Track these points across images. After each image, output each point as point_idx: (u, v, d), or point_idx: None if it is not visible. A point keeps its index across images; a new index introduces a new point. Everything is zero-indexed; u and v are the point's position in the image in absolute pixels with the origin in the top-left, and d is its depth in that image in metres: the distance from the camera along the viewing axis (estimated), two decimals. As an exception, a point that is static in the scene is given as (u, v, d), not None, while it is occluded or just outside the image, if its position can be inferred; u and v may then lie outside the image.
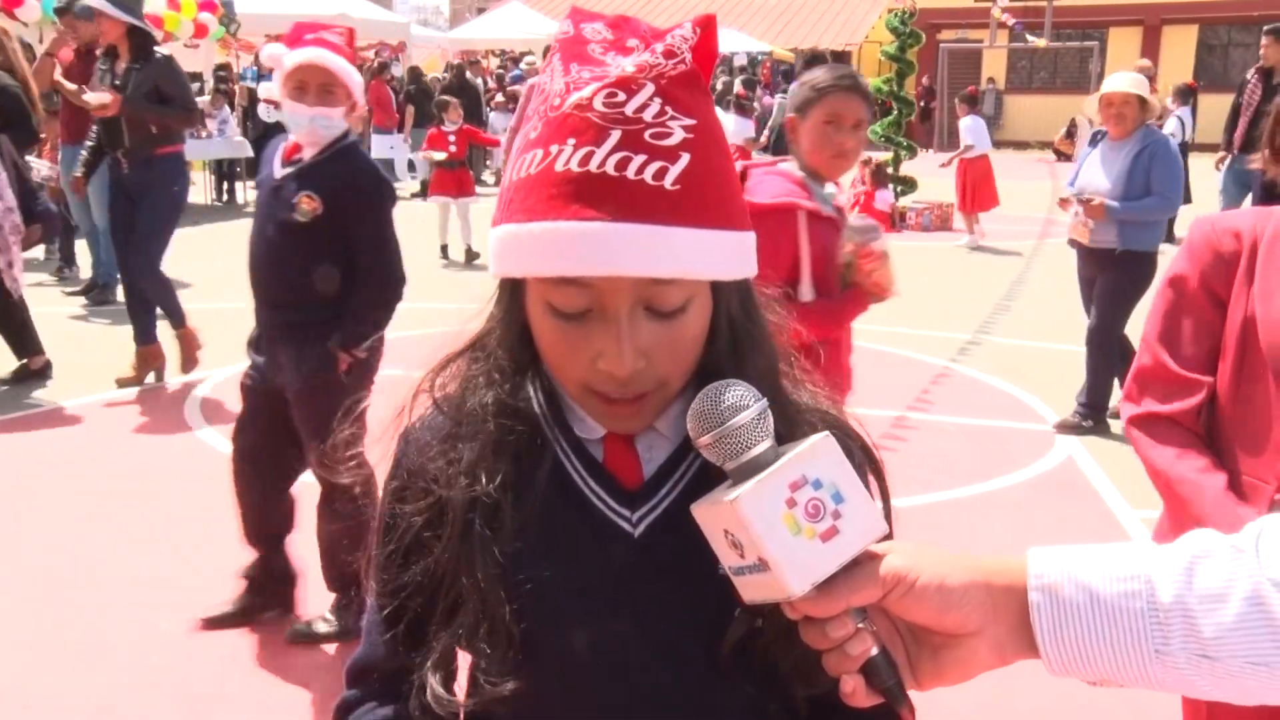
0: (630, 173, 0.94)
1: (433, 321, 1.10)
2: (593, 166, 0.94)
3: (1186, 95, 13.78)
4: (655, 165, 0.94)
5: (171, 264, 10.86)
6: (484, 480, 1.04)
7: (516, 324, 1.06)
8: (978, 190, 13.03)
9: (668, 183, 0.94)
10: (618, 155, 0.94)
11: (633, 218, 0.93)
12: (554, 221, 0.94)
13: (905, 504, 0.84)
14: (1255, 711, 1.80)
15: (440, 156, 11.27)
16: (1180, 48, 29.85)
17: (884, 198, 13.33)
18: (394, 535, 1.08)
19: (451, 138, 11.33)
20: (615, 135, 0.94)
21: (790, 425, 1.03)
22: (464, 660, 1.09)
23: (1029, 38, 25.49)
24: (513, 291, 1.06)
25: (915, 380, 6.91)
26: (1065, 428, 5.95)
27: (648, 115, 0.95)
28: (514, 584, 1.03)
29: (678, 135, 0.95)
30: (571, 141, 0.95)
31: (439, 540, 1.04)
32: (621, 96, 0.95)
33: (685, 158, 0.95)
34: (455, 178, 11.35)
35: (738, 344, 1.05)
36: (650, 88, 0.95)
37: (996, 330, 8.35)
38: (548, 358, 1.04)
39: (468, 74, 19.47)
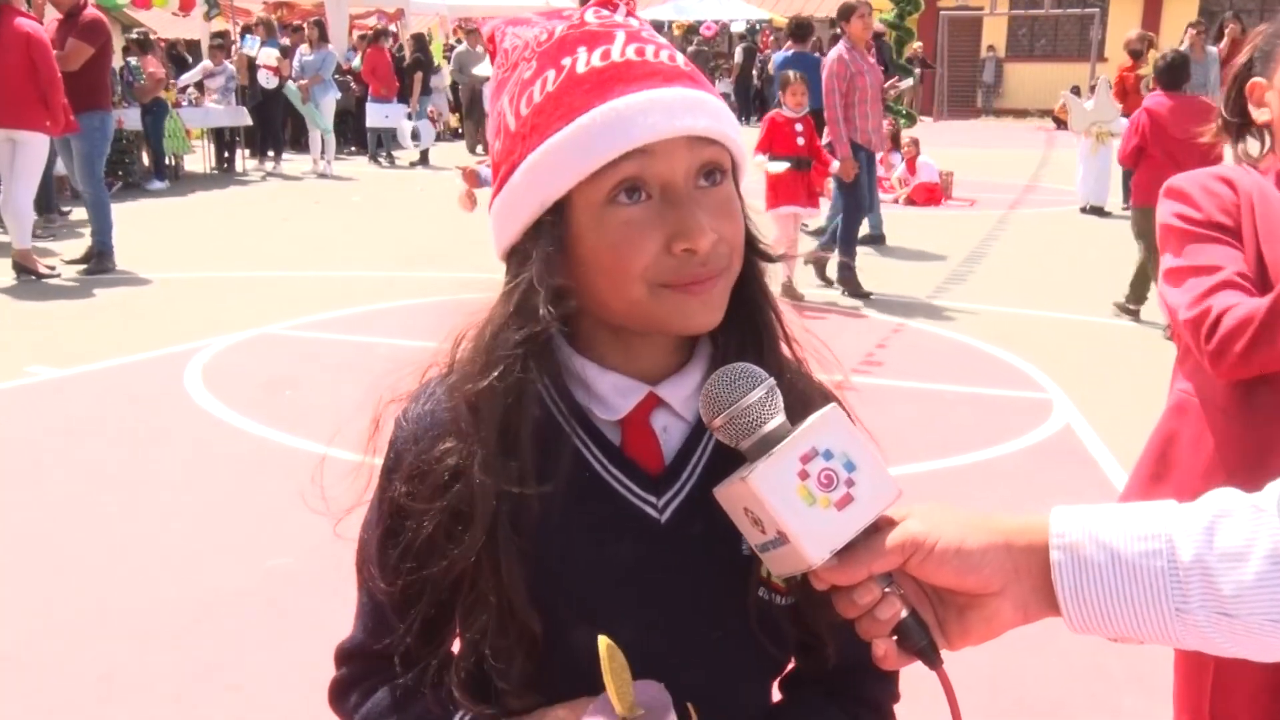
0: (650, 57, 1.02)
1: (460, 292, 1.09)
2: (615, 57, 1.01)
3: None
4: (666, 51, 1.03)
5: (170, 232, 10.90)
6: (508, 480, 1.00)
7: (551, 279, 0.99)
8: None
9: (681, 64, 1.03)
10: (633, 46, 1.02)
11: (671, 84, 1.00)
12: (604, 104, 0.98)
13: (902, 473, 0.86)
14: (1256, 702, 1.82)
15: (779, 167, 7.87)
16: (1182, 15, 29.65)
17: (930, 169, 13.25)
18: (402, 535, 1.04)
19: (799, 127, 7.98)
20: (621, 35, 1.03)
21: (799, 393, 1.05)
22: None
23: None
24: (551, 231, 1.00)
25: (906, 349, 6.92)
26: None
27: (634, 24, 1.05)
28: (541, 582, 1.01)
29: (662, 39, 1.06)
30: (583, 49, 1.01)
31: (457, 541, 1.01)
32: (607, 12, 1.05)
33: (680, 53, 1.05)
34: (806, 181, 8.08)
35: (758, 245, 1.08)
36: (624, 9, 1.06)
37: (988, 298, 8.33)
38: (609, 272, 0.99)
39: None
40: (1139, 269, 7.62)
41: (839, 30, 8.36)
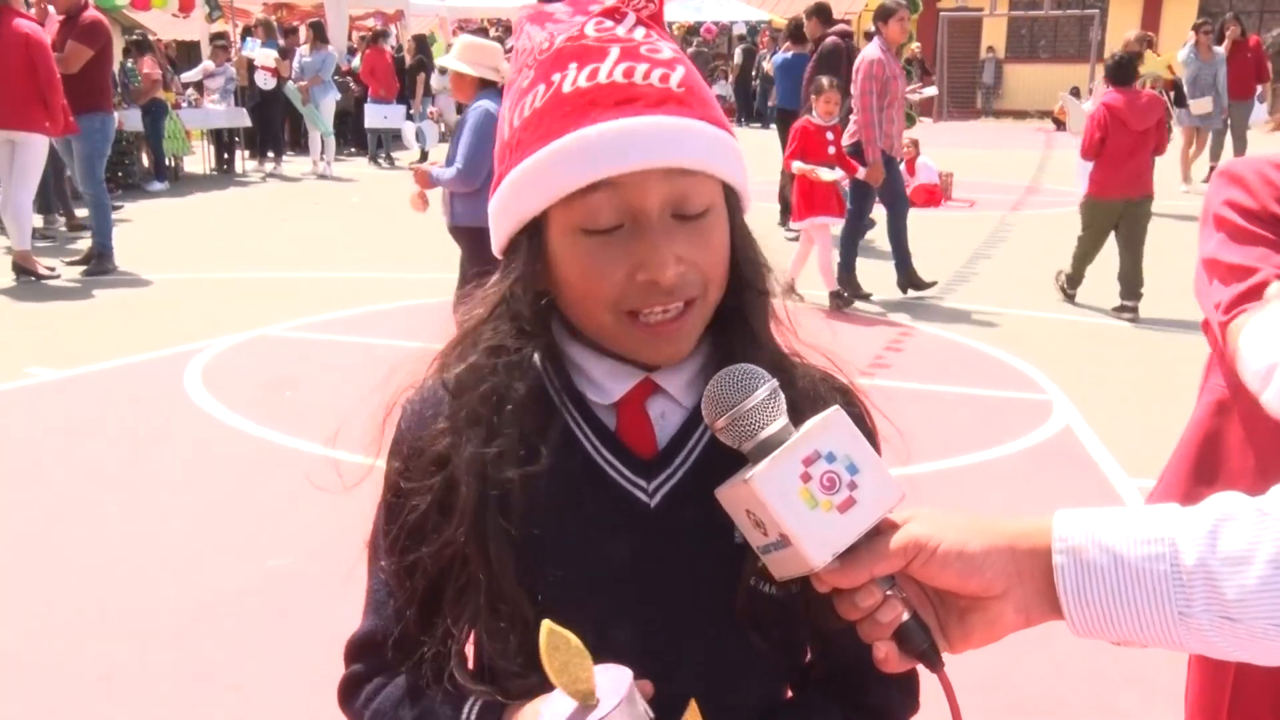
0: (638, 79, 1.00)
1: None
2: (601, 79, 0.99)
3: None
4: (659, 71, 1.01)
5: (170, 232, 10.89)
6: (495, 460, 1.01)
7: (532, 287, 1.03)
8: None
9: (673, 85, 1.01)
10: (622, 65, 1.00)
11: (650, 112, 0.98)
12: (576, 131, 0.97)
13: (902, 474, 0.86)
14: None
15: (832, 175, 7.74)
16: (1182, 16, 29.65)
17: (929, 170, 13.24)
18: (400, 513, 1.06)
19: (830, 135, 7.84)
20: (615, 51, 1.01)
21: (802, 391, 1.04)
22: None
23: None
24: (530, 244, 1.03)
25: (906, 350, 6.91)
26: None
27: (638, 36, 1.03)
28: (530, 565, 1.02)
29: (668, 52, 1.03)
30: (573, 65, 1.00)
31: (447, 521, 1.02)
32: (610, 24, 1.03)
33: (681, 68, 1.02)
34: (836, 191, 7.92)
35: (751, 276, 1.07)
36: (632, 17, 1.04)
37: (988, 299, 8.33)
38: (578, 293, 1.01)
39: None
40: (1125, 267, 7.66)
41: (875, 30, 8.32)
